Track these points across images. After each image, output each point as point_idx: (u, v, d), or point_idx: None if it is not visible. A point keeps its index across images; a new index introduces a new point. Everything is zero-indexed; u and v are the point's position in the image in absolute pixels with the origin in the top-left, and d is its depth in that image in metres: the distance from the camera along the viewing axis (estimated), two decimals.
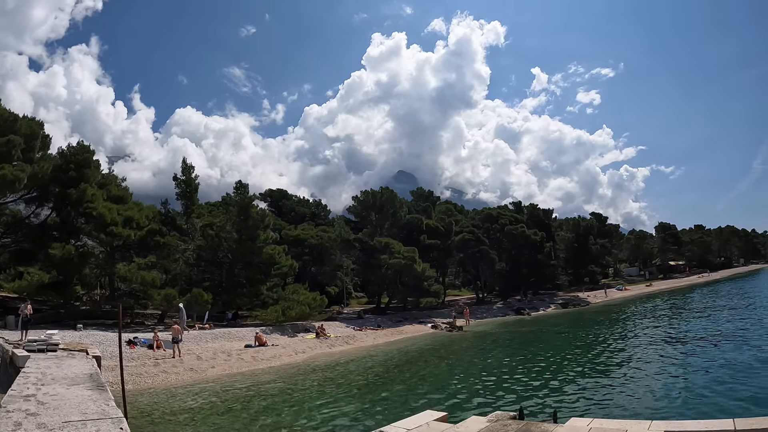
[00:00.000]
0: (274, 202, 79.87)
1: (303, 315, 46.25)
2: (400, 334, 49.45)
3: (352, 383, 26.13)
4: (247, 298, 48.21)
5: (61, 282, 38.98)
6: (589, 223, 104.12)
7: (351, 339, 43.91)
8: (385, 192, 67.20)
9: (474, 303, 76.01)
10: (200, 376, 27.73)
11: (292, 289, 49.89)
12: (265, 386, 25.41)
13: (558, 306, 76.37)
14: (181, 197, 53.27)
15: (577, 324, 52.82)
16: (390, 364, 32.85)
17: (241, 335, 39.14)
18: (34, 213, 44.06)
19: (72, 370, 19.04)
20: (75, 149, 43.16)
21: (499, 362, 31.45)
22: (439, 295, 66.73)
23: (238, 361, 32.13)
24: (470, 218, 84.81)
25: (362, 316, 57.90)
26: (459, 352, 38.33)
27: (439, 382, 25.68)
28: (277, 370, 30.42)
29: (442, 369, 30.18)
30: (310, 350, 38.11)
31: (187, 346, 33.08)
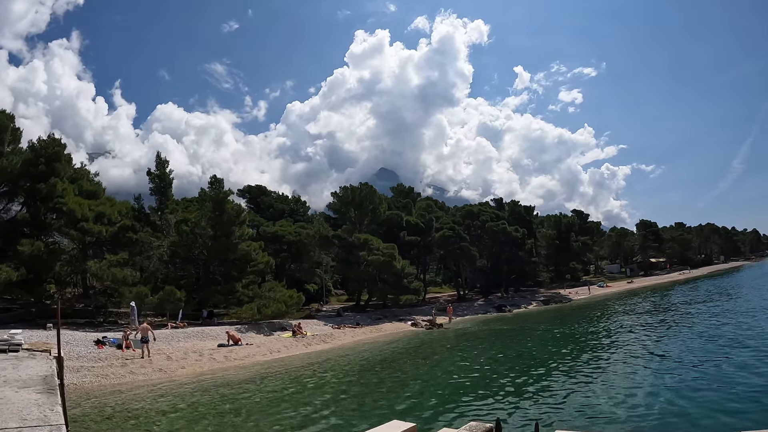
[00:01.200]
0: (252, 198, 78.97)
1: (279, 313, 45.61)
2: (379, 332, 48.90)
3: (324, 385, 25.31)
4: (222, 295, 47.49)
5: (30, 280, 38.05)
6: (571, 221, 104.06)
7: (328, 337, 43.28)
8: (365, 188, 66.48)
9: (455, 300, 75.68)
10: (169, 377, 27.00)
11: (269, 287, 49.08)
12: (233, 388, 24.66)
13: (539, 303, 76.00)
14: (155, 192, 52.33)
15: (558, 321, 52.34)
16: (365, 364, 32.11)
17: (215, 334, 38.40)
18: (4, 208, 43.16)
19: (27, 372, 18.32)
20: (45, 143, 42.33)
21: (478, 363, 30.58)
22: (419, 292, 66.13)
23: (210, 361, 31.43)
24: (451, 215, 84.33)
25: (341, 314, 57.26)
26: (437, 352, 37.58)
27: (413, 386, 24.62)
28: (249, 371, 29.66)
29: (418, 371, 29.15)
30: (286, 349, 37.38)
31: (158, 345, 32.31)
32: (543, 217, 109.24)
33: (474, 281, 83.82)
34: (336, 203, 67.57)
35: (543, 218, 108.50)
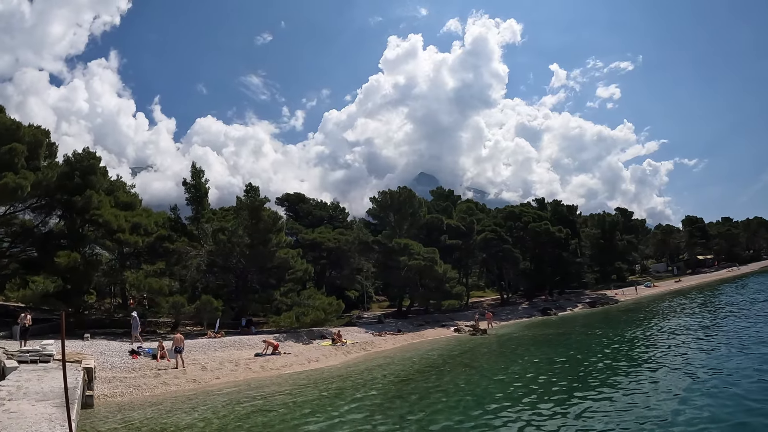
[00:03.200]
0: (291, 205, 78.76)
1: (319, 321, 44.88)
2: (421, 338, 48.04)
3: (362, 397, 24.02)
4: (260, 304, 47.15)
5: (68, 291, 38.13)
6: (615, 219, 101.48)
7: (369, 345, 42.49)
8: (404, 192, 65.59)
9: (498, 304, 74.42)
10: (202, 388, 26.37)
11: (308, 294, 48.55)
12: (268, 399, 23.77)
13: (585, 305, 74.10)
14: (191, 202, 52.27)
15: (606, 325, 49.99)
16: (406, 374, 30.70)
17: (253, 343, 37.82)
18: (42, 222, 43.59)
19: (51, 384, 17.95)
20: (80, 156, 42.46)
21: (524, 372, 28.64)
22: (461, 296, 65.02)
23: (246, 371, 30.80)
24: (492, 217, 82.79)
25: (383, 321, 56.49)
26: (481, 360, 35.80)
27: (454, 398, 22.89)
28: (286, 381, 28.84)
29: (461, 381, 27.42)
30: (324, 358, 36.64)
31: (193, 355, 31.93)
32: (586, 216, 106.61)
33: (517, 284, 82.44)
34: (375, 208, 66.85)
35: (586, 217, 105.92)
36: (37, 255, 41.33)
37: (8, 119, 38.71)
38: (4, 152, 35.72)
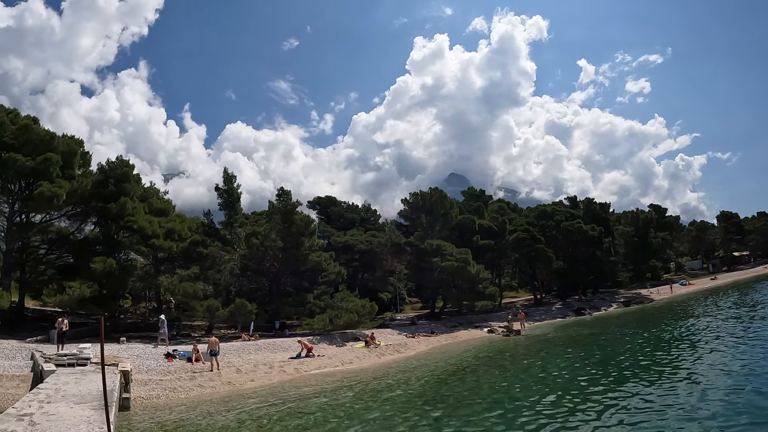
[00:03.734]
0: (322, 209, 78.87)
1: (352, 323, 44.93)
2: (454, 339, 47.78)
3: (396, 399, 23.91)
4: (293, 307, 47.34)
5: (104, 295, 38.78)
6: (649, 216, 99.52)
7: (402, 347, 42.35)
8: (435, 193, 65.28)
9: (532, 304, 73.77)
10: (237, 390, 26.50)
11: (341, 297, 48.70)
12: (303, 401, 23.77)
13: (620, 305, 72.89)
14: (224, 207, 52.71)
15: (642, 325, 48.89)
16: (439, 375, 30.43)
17: (287, 346, 37.98)
18: (78, 229, 44.37)
19: (88, 387, 18.14)
20: (114, 164, 43.41)
21: (559, 374, 27.93)
22: (494, 297, 64.62)
23: (280, 373, 30.91)
24: (524, 216, 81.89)
25: (416, 322, 56.32)
26: (515, 361, 35.14)
27: (488, 402, 22.14)
28: (320, 383, 28.79)
29: (495, 383, 26.77)
30: (358, 360, 36.64)
31: (228, 358, 32.14)
32: (619, 214, 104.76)
33: (550, 284, 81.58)
34: (407, 210, 66.61)
35: (619, 215, 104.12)
36: (74, 261, 42.13)
37: (43, 130, 39.49)
38: (40, 162, 36.45)
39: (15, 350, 29.34)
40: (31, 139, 37.62)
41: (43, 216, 40.78)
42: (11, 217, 38.51)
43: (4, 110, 39.10)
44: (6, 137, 36.50)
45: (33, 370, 25.13)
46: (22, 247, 40.65)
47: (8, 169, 36.51)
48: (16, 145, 36.51)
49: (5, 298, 32.44)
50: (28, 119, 39.39)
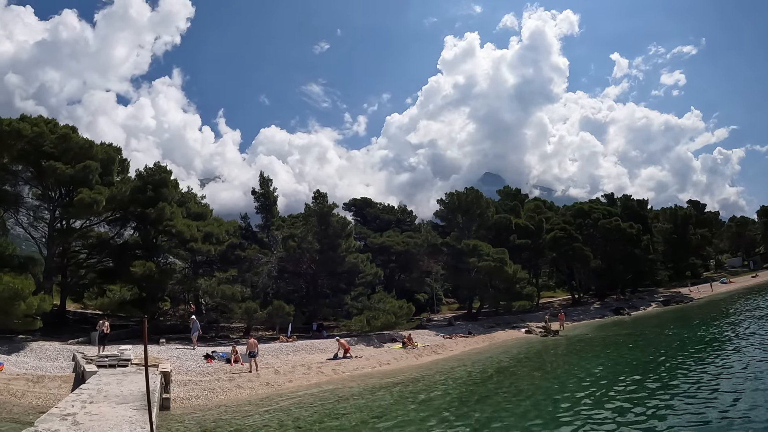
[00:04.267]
0: (358, 210, 78.95)
1: (389, 324, 44.81)
2: (491, 340, 47.33)
3: (433, 401, 23.80)
4: (331, 308, 47.59)
5: (143, 298, 39.38)
6: (687, 212, 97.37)
7: (439, 348, 42.13)
8: (471, 192, 64.84)
9: (570, 304, 72.89)
10: (275, 391, 26.56)
11: (378, 298, 48.66)
12: (341, 402, 23.84)
13: (659, 304, 71.44)
14: (260, 210, 53.17)
15: (682, 325, 48.06)
16: (477, 376, 30.28)
17: (324, 347, 38.08)
18: (117, 233, 45.13)
19: (130, 387, 18.37)
20: (152, 170, 44.09)
21: (599, 375, 27.48)
22: (532, 297, 63.98)
23: (318, 374, 30.94)
24: (561, 215, 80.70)
25: (453, 323, 56.02)
26: (553, 363, 35.12)
27: (526, 404, 21.87)
28: (358, 384, 28.79)
29: (533, 386, 26.35)
30: (395, 361, 36.48)
31: (266, 359, 32.31)
32: (657, 211, 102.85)
33: (588, 283, 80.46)
34: (442, 210, 66.27)
35: (657, 212, 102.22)
36: (113, 265, 42.87)
37: (81, 138, 40.33)
38: (79, 170, 37.18)
39: (57, 352, 29.93)
40: (70, 147, 38.38)
41: (83, 222, 41.50)
42: (52, 223, 39.31)
43: (44, 120, 39.89)
44: (46, 146, 37.23)
45: (75, 371, 25.60)
46: (63, 252, 41.48)
47: (49, 176, 37.41)
48: (56, 154, 37.26)
49: (47, 301, 33.02)
50: (67, 128, 40.11)
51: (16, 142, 36.45)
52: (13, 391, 21.90)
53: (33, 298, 30.23)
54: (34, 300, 30.18)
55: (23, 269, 35.61)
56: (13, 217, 42.84)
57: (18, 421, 17.88)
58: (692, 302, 71.16)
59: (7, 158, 37.55)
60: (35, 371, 25.66)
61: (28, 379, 23.89)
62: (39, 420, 13.22)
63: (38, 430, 12.15)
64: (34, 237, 42.32)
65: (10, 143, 36.43)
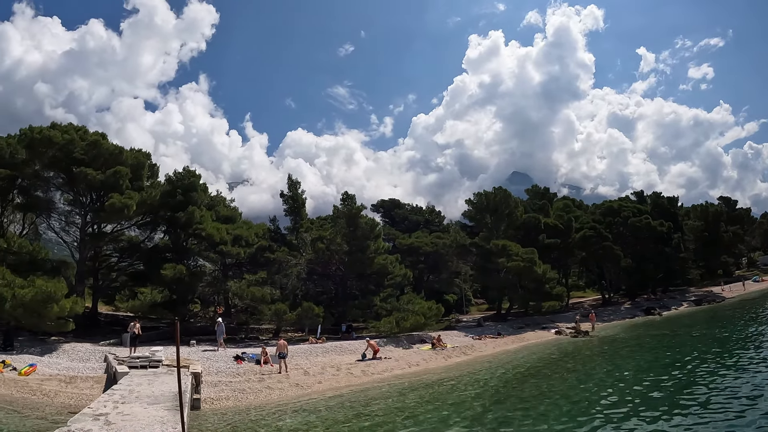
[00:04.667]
0: (386, 212, 79.12)
1: (418, 325, 44.59)
2: (521, 341, 46.90)
3: (463, 402, 23.46)
4: (360, 310, 47.42)
5: (174, 300, 39.88)
6: (718, 209, 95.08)
7: (469, 349, 41.87)
8: (499, 192, 64.41)
9: (600, 304, 71.98)
10: (305, 393, 26.58)
11: (407, 299, 48.50)
12: (370, 404, 23.78)
13: (690, 303, 70.12)
14: (289, 213, 53.44)
15: (715, 324, 46.81)
16: (507, 378, 29.87)
17: (353, 348, 38.02)
18: (147, 237, 45.74)
19: (161, 388, 18.52)
20: (181, 175, 44.78)
21: (632, 377, 26.97)
22: (561, 297, 63.44)
23: (347, 375, 30.91)
24: (590, 213, 79.58)
25: (482, 324, 55.69)
26: (584, 364, 34.13)
27: (558, 407, 21.36)
28: (387, 385, 28.74)
29: (565, 388, 25.87)
30: (425, 362, 36.32)
31: (296, 360, 32.37)
32: (688, 208, 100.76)
33: (618, 283, 79.44)
34: (471, 210, 65.96)
35: (688, 209, 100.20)
36: (144, 268, 43.62)
37: (111, 145, 41.11)
38: (110, 175, 37.99)
39: (89, 353, 30.42)
40: (100, 153, 39.19)
41: (114, 226, 42.23)
42: (84, 227, 40.01)
43: (74, 128, 40.73)
44: (77, 153, 37.99)
45: (106, 372, 25.91)
46: (94, 256, 42.29)
47: (80, 182, 38.22)
48: (86, 160, 38.06)
49: (80, 303, 33.55)
50: (97, 135, 40.87)
51: (47, 149, 37.26)
52: (46, 391, 22.23)
53: (65, 300, 30.69)
54: (66, 303, 30.62)
55: (56, 273, 36.43)
56: (46, 222, 43.83)
57: (51, 421, 18.08)
58: (724, 301, 69.63)
59: (39, 165, 38.43)
60: (68, 372, 26.08)
61: (60, 380, 24.23)
62: (72, 420, 13.38)
63: (71, 429, 12.29)
64: (66, 241, 43.12)
65: (41, 151, 37.26)
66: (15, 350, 29.26)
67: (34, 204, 40.86)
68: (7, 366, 25.47)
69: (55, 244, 48.35)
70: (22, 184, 40.14)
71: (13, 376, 24.06)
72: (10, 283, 29.82)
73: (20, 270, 32.85)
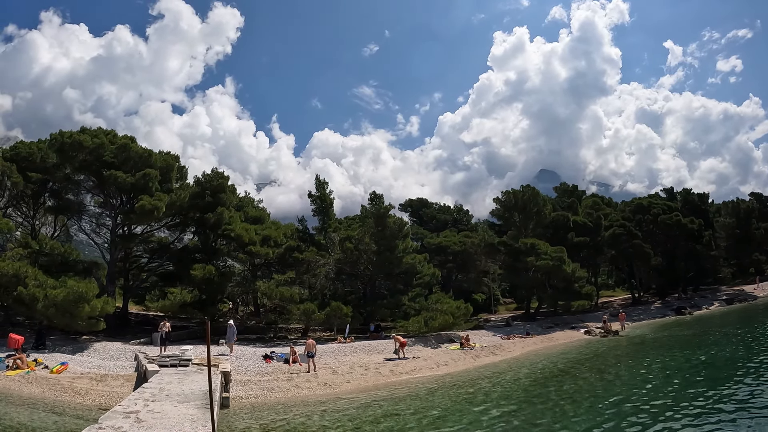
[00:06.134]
0: (414, 211, 79.06)
1: (447, 325, 44.40)
2: (550, 341, 46.53)
3: (492, 403, 23.10)
4: (388, 309, 47.42)
5: (203, 300, 40.23)
6: (750, 205, 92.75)
7: (497, 349, 41.61)
8: (527, 190, 63.97)
9: (629, 303, 71.17)
10: (333, 392, 26.67)
11: (436, 299, 48.39)
12: (399, 404, 23.67)
13: (722, 303, 68.72)
14: (317, 213, 53.61)
15: (747, 324, 45.28)
16: (537, 379, 29.43)
17: (382, 347, 38.00)
18: (177, 238, 46.18)
19: (191, 387, 18.65)
20: (210, 176, 45.15)
21: (664, 378, 26.26)
22: (591, 297, 62.72)
23: (375, 375, 30.93)
24: (619, 211, 78.48)
25: (510, 323, 55.37)
26: (615, 364, 33.19)
27: (591, 407, 21.08)
28: (415, 385, 28.62)
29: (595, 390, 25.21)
30: (453, 362, 36.16)
31: (324, 360, 32.42)
32: (719, 205, 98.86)
33: (648, 282, 78.36)
34: (499, 209, 65.64)
35: (719, 205, 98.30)
36: (174, 268, 44.09)
37: (140, 148, 41.71)
38: (139, 178, 38.49)
39: (119, 352, 30.80)
40: (129, 156, 39.79)
41: (144, 227, 42.75)
42: (114, 229, 40.54)
43: (103, 132, 41.39)
44: (106, 156, 38.66)
45: (137, 371, 26.20)
46: (125, 257, 42.84)
47: (110, 185, 38.88)
48: (116, 163, 38.72)
49: (110, 303, 34.05)
50: (126, 139, 41.55)
51: (77, 153, 37.93)
52: (78, 389, 22.52)
53: (96, 300, 31.15)
54: (97, 302, 31.08)
55: (87, 273, 37.09)
56: (77, 225, 44.54)
57: (82, 418, 18.30)
58: (756, 300, 68.34)
59: (70, 169, 39.16)
60: (99, 370, 26.40)
61: (91, 378, 24.55)
62: (103, 417, 13.52)
63: (102, 426, 12.41)
64: (96, 243, 43.73)
65: (72, 155, 37.93)
66: (47, 349, 29.70)
67: (66, 207, 41.59)
68: (39, 364, 25.89)
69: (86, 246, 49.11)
70: (53, 188, 41.02)
71: (45, 375, 24.41)
72: (43, 284, 30.38)
73: (52, 271, 33.49)
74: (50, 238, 40.30)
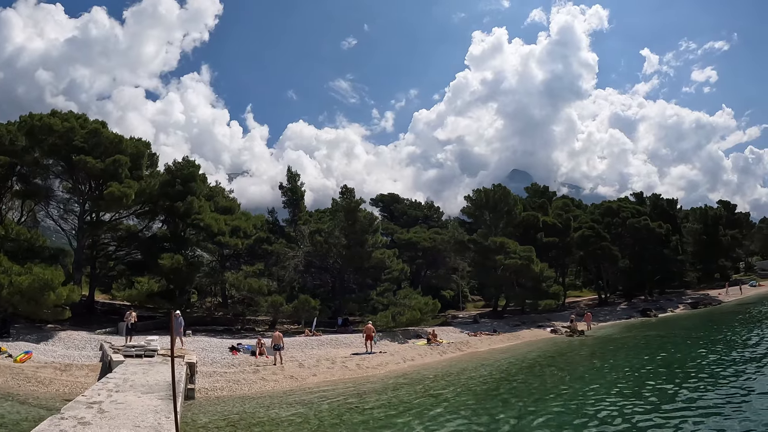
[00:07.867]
0: (385, 206, 79.13)
1: (414, 320, 44.71)
2: (516, 339, 46.98)
3: (458, 397, 23.57)
4: (357, 303, 47.62)
5: (171, 290, 39.95)
6: (717, 213, 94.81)
7: (464, 345, 41.95)
8: (498, 189, 64.38)
9: (596, 304, 72.09)
10: (299, 384, 26.71)
11: (404, 294, 48.52)
12: (364, 397, 23.82)
13: (687, 306, 70.07)
14: (288, 205, 53.36)
15: (711, 328, 46.27)
16: (501, 375, 29.67)
17: (349, 341, 38.18)
18: (146, 227, 45.73)
19: (156, 377, 18.60)
20: (181, 165, 44.79)
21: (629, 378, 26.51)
22: (558, 296, 63.26)
23: (342, 369, 30.98)
24: (589, 213, 79.49)
25: (478, 321, 55.79)
26: (579, 363, 34.26)
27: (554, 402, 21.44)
28: (381, 380, 28.83)
29: (559, 386, 25.61)
30: (420, 358, 36.41)
31: (291, 353, 32.47)
32: (687, 211, 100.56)
33: (615, 283, 79.41)
34: (470, 207, 66.03)
35: (687, 211, 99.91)
36: (142, 257, 43.67)
37: (111, 133, 41.12)
38: (109, 164, 37.97)
39: (85, 341, 30.53)
40: (100, 142, 39.18)
41: (112, 215, 42.18)
42: (82, 215, 40.07)
43: (74, 116, 40.66)
44: (76, 141, 37.99)
45: (102, 361, 25.97)
46: (92, 244, 42.32)
47: (79, 170, 38.28)
48: (86, 148, 38.02)
49: (76, 292, 33.58)
50: (97, 123, 40.91)
51: (47, 136, 37.33)
52: (41, 378, 22.27)
53: (62, 288, 30.77)
54: (63, 290, 30.71)
55: (53, 260, 36.51)
56: (44, 210, 43.92)
57: (45, 408, 18.11)
58: (721, 305, 69.59)
59: (39, 152, 38.48)
60: (63, 360, 26.12)
61: (56, 368, 24.26)
62: (66, 407, 13.44)
63: (65, 417, 12.35)
64: (64, 229, 43.21)
65: (41, 138, 37.33)
66: (11, 337, 29.28)
67: (33, 191, 40.89)
68: (2, 353, 25.52)
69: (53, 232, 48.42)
70: (22, 171, 40.22)
71: (9, 363, 24.06)
72: (8, 270, 29.85)
73: (18, 257, 32.90)
74: (17, 223, 39.68)
